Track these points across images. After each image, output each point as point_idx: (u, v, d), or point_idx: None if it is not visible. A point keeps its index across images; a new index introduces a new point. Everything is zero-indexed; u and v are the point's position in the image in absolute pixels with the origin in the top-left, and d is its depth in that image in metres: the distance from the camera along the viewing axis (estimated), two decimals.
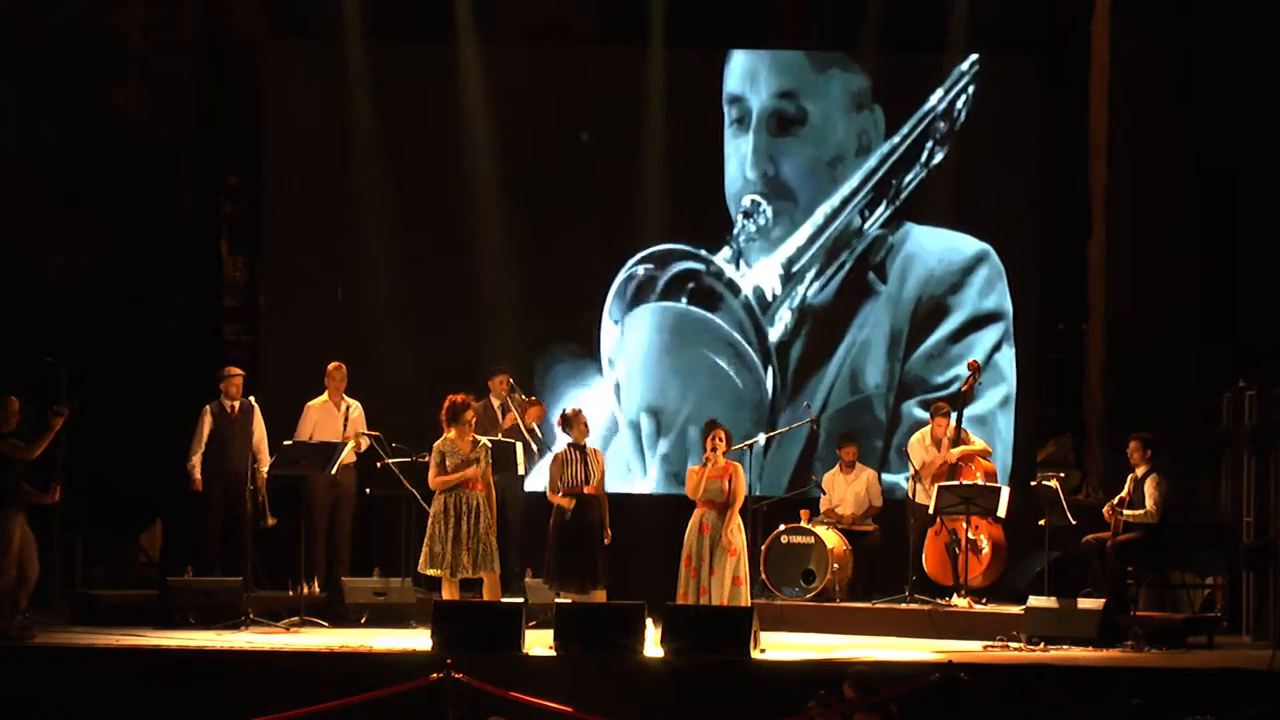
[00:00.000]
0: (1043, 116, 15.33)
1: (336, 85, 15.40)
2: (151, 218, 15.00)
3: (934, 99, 15.37)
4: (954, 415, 14.03)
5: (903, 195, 15.39)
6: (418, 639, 11.95)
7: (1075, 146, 15.33)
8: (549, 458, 12.77)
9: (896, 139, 15.38)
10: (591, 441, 12.67)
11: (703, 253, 15.37)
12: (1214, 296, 14.42)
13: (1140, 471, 13.12)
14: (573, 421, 12.43)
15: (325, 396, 14.05)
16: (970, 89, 15.36)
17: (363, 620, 13.09)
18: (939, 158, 15.38)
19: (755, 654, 11.34)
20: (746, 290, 15.34)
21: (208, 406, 13.82)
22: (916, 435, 14.33)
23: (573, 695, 10.23)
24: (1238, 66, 14.42)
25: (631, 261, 15.36)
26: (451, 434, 12.22)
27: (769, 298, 15.39)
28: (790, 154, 15.45)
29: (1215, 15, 14.47)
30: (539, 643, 11.42)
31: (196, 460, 13.66)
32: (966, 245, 15.33)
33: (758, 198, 15.41)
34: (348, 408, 14.01)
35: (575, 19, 15.49)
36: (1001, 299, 15.28)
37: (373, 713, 10.16)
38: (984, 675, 10.48)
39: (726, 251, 15.38)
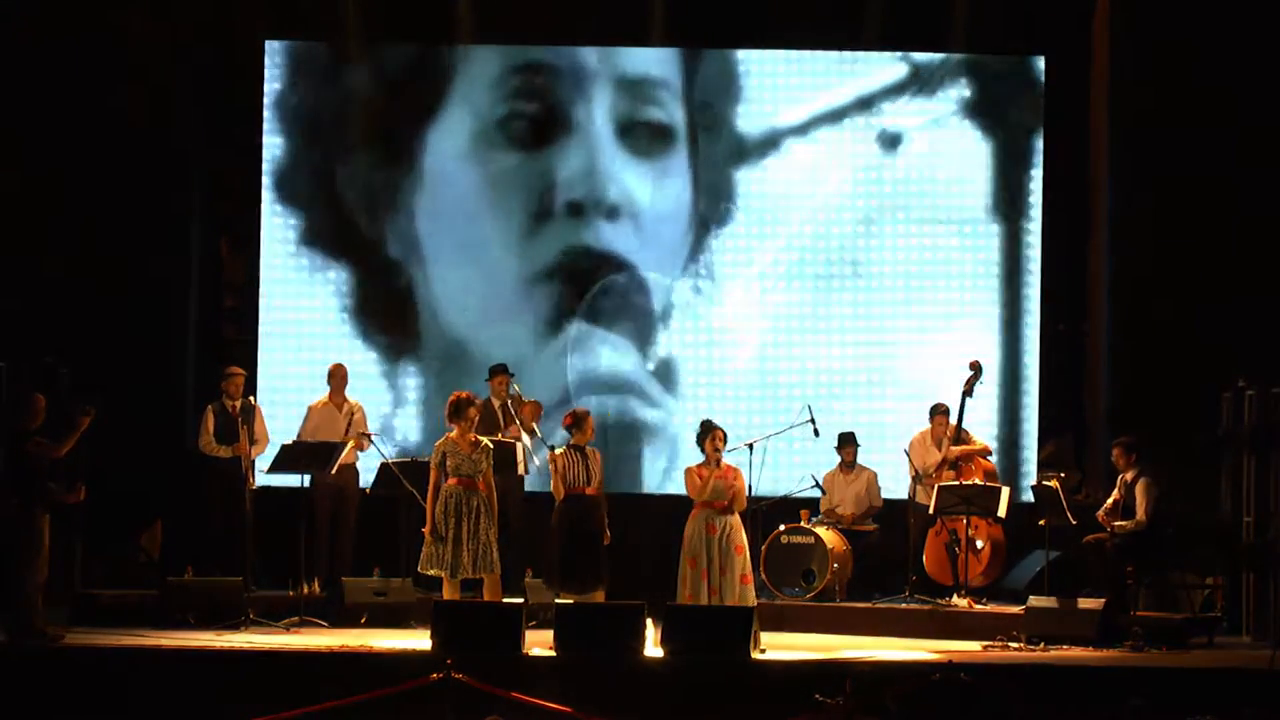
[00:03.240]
0: (1043, 116, 15.33)
1: (336, 85, 15.43)
2: (151, 217, 15.00)
3: (934, 99, 15.37)
4: (953, 415, 14.05)
5: (899, 196, 15.38)
6: (418, 639, 11.95)
7: (1075, 146, 15.31)
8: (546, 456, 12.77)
9: (894, 138, 15.38)
10: None
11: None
12: (1214, 296, 14.41)
13: (1129, 476, 13.15)
14: (580, 422, 12.40)
15: (326, 397, 14.08)
16: (970, 89, 15.36)
17: (363, 620, 13.09)
18: (938, 157, 15.38)
19: (755, 654, 11.33)
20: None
21: (210, 406, 13.86)
22: (916, 435, 14.34)
23: (573, 695, 10.24)
24: (1237, 65, 14.41)
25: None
26: (454, 433, 12.22)
27: (752, 302, 15.40)
28: (774, 156, 15.44)
29: (1215, 15, 14.46)
30: (539, 643, 11.42)
31: (208, 439, 13.69)
32: (964, 245, 15.33)
33: (733, 206, 15.44)
34: (349, 408, 14.03)
35: (575, 19, 15.46)
36: (999, 298, 15.29)
37: (373, 713, 10.16)
38: (984, 675, 10.49)
39: (699, 262, 15.43)
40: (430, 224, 15.45)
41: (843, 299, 15.41)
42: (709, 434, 12.22)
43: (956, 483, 13.68)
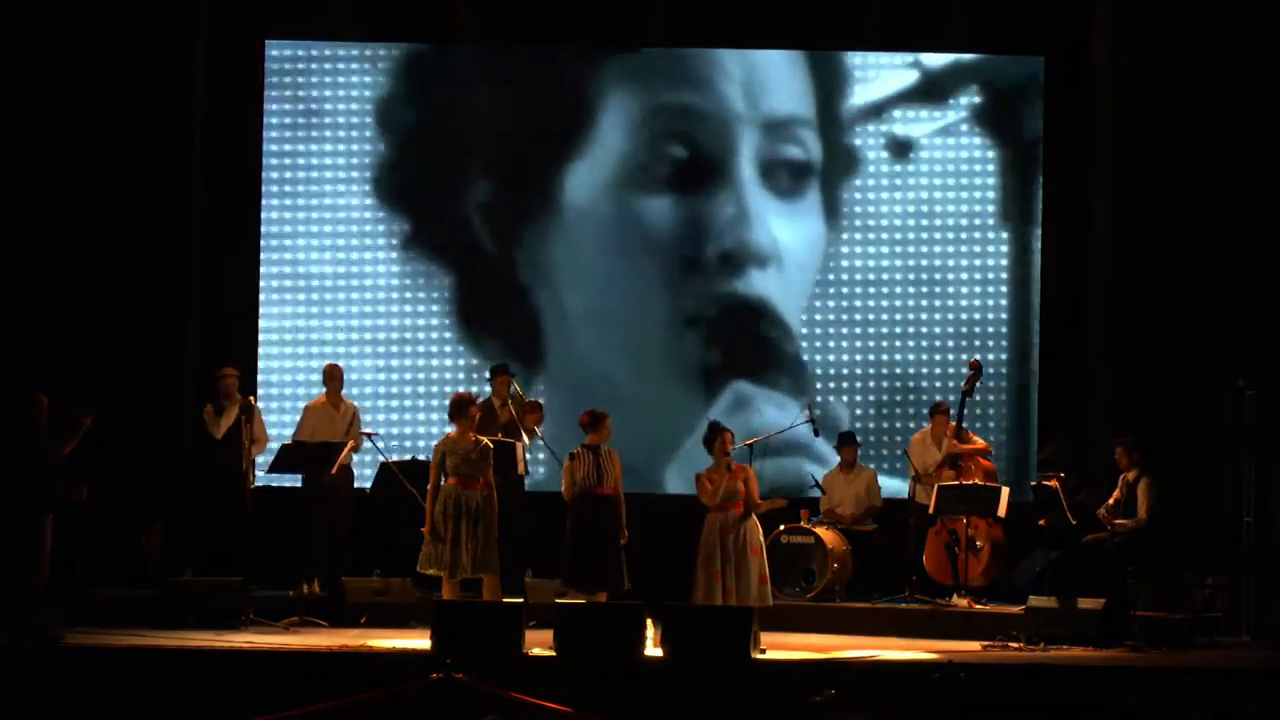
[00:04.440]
0: (1043, 116, 15.33)
1: (337, 85, 15.45)
2: (152, 217, 15.01)
3: (934, 99, 15.38)
4: (954, 414, 14.06)
5: (899, 197, 15.39)
6: (418, 639, 11.95)
7: (1075, 147, 15.31)
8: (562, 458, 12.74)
9: (895, 139, 15.39)
10: None
11: None
12: (1214, 297, 14.42)
13: (1131, 475, 13.17)
14: (597, 423, 12.33)
15: (323, 397, 14.10)
16: (971, 89, 15.37)
17: (363, 620, 13.09)
18: (937, 157, 15.38)
19: (755, 654, 11.33)
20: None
21: (208, 406, 13.87)
22: (917, 436, 14.35)
23: (573, 695, 10.24)
24: (1238, 64, 14.42)
25: None
26: (454, 432, 12.22)
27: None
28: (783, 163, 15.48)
29: (1215, 14, 14.47)
30: (539, 643, 11.42)
31: (212, 419, 13.80)
32: (967, 245, 15.34)
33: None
34: (346, 409, 14.05)
35: (574, 19, 15.47)
36: (1002, 299, 15.30)
37: (373, 713, 10.16)
38: (984, 675, 10.49)
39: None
40: (564, 253, 15.37)
41: (840, 303, 15.42)
42: (718, 436, 12.09)
43: (956, 483, 13.68)
